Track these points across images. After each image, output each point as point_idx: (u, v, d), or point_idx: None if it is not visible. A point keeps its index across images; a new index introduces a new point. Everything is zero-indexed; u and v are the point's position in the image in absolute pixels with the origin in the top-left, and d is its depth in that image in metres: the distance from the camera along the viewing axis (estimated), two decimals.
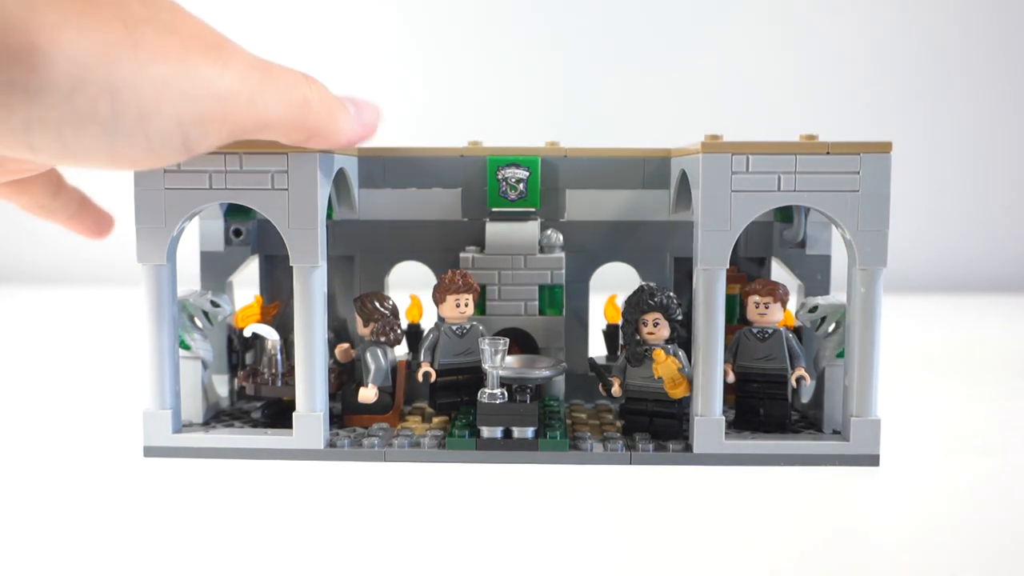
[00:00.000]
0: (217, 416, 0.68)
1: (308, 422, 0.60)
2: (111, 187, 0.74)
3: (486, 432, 0.60)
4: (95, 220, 0.60)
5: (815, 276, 0.71)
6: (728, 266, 0.59)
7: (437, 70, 1.80)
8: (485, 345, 0.60)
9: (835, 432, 0.64)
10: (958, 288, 1.69)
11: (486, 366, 0.60)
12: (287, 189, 0.58)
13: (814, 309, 0.65)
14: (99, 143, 0.41)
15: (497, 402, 0.60)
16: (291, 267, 0.59)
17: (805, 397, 0.69)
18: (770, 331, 0.64)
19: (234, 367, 0.72)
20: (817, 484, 0.56)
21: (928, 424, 0.70)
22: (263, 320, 0.72)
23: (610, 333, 0.77)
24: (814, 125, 0.66)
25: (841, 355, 0.64)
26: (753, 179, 0.58)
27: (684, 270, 0.74)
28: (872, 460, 0.59)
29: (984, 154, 1.77)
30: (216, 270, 0.72)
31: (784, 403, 0.64)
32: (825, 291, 0.71)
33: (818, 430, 0.65)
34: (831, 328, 0.65)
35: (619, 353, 0.75)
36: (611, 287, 0.77)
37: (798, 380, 0.64)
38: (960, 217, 1.77)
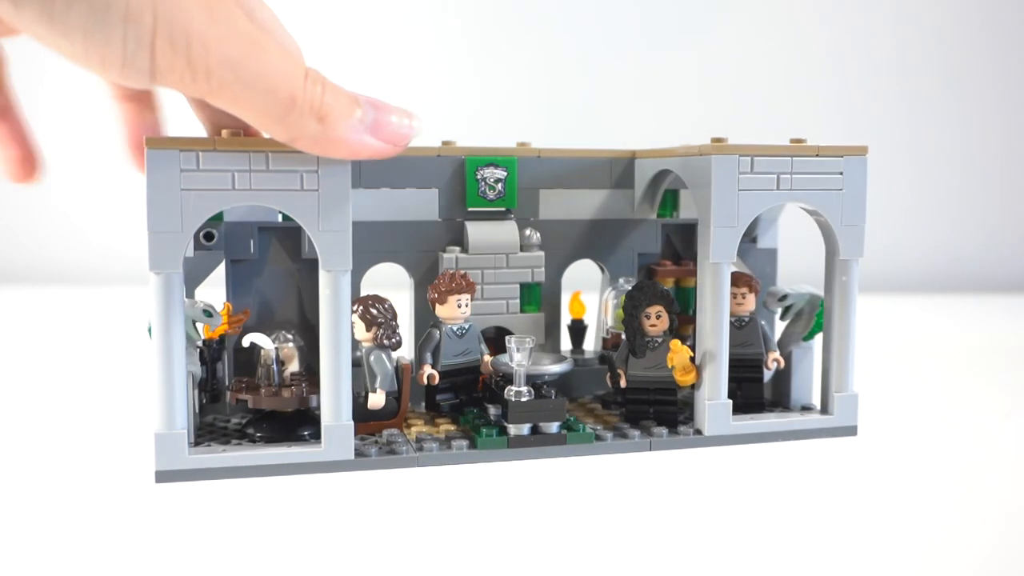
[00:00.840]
0: (205, 434, 0.63)
1: (337, 432, 0.57)
2: (119, 189, 0.66)
3: (514, 430, 0.61)
4: (16, 145, 0.53)
5: (764, 267, 0.78)
6: (734, 259, 0.63)
7: (409, 69, 1.73)
8: (512, 343, 0.60)
9: (804, 408, 0.70)
10: (938, 288, 1.66)
11: (513, 364, 0.61)
12: (317, 190, 0.55)
13: (784, 298, 0.71)
14: (80, 24, 0.40)
15: (525, 399, 0.61)
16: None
17: (765, 378, 0.75)
18: (747, 319, 0.70)
19: (202, 381, 0.67)
20: (809, 453, 0.63)
21: (899, 403, 0.77)
22: (231, 329, 0.68)
23: (574, 328, 0.80)
24: (796, 130, 0.71)
25: (807, 339, 0.71)
26: (756, 179, 0.62)
27: (644, 265, 0.78)
28: (851, 430, 0.66)
29: (970, 157, 1.74)
30: (187, 277, 0.66)
31: (760, 384, 0.70)
32: (773, 281, 0.78)
33: (785, 407, 0.71)
34: (793, 315, 0.72)
35: (600, 349, 0.78)
36: (574, 284, 0.79)
37: (773, 363, 0.69)
38: (945, 219, 1.72)
